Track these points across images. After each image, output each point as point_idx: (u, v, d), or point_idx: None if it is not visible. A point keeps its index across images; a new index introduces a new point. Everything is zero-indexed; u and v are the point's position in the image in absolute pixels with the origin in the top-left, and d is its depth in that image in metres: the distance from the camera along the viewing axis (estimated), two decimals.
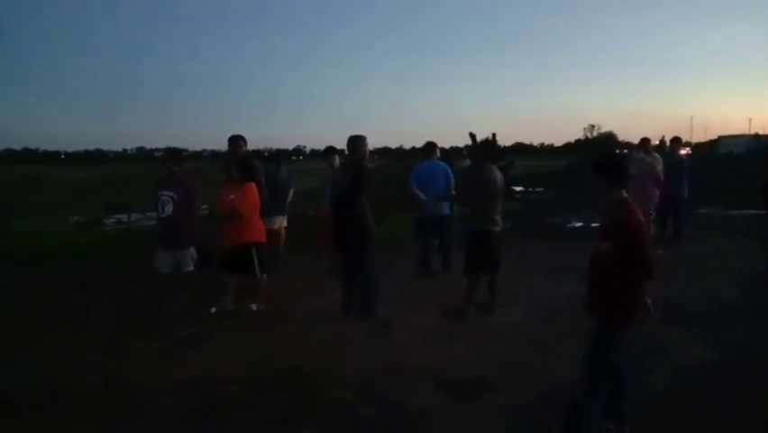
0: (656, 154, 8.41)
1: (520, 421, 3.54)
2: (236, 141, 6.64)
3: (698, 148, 51.38)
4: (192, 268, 5.56)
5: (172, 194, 5.51)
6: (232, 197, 5.63)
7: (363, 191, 5.50)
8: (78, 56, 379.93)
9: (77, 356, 4.62)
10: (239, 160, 6.11)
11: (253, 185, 5.86)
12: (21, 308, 5.99)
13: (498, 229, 5.52)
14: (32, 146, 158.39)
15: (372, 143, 6.05)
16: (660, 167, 8.05)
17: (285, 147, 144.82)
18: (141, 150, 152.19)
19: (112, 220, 16.32)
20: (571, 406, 3.17)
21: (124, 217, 15.82)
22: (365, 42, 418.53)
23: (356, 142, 5.59)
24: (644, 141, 8.47)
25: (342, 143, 6.01)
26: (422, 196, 6.97)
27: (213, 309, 5.72)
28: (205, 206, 6.42)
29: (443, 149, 8.13)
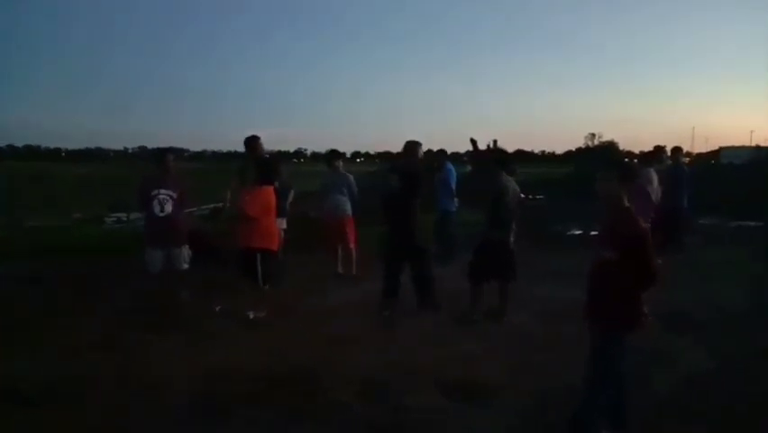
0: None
1: (524, 424, 3.54)
2: (255, 141, 6.55)
3: (699, 158, 51.36)
4: (187, 266, 5.56)
5: (171, 193, 5.53)
6: (247, 198, 5.45)
7: (412, 195, 5.68)
8: (81, 54, 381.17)
9: (86, 353, 4.63)
10: (258, 161, 5.92)
11: (270, 188, 5.59)
12: (30, 305, 5.97)
13: (510, 239, 5.58)
14: (34, 143, 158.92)
15: (375, 148, 6.18)
16: (656, 178, 8.05)
17: (286, 149, 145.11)
18: (142, 149, 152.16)
19: (112, 218, 16.37)
20: (575, 411, 3.17)
21: (124, 216, 15.88)
22: (370, 46, 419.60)
23: (411, 146, 5.89)
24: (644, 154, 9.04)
25: (345, 147, 6.14)
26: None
27: (217, 308, 5.62)
28: (210, 205, 6.37)
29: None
